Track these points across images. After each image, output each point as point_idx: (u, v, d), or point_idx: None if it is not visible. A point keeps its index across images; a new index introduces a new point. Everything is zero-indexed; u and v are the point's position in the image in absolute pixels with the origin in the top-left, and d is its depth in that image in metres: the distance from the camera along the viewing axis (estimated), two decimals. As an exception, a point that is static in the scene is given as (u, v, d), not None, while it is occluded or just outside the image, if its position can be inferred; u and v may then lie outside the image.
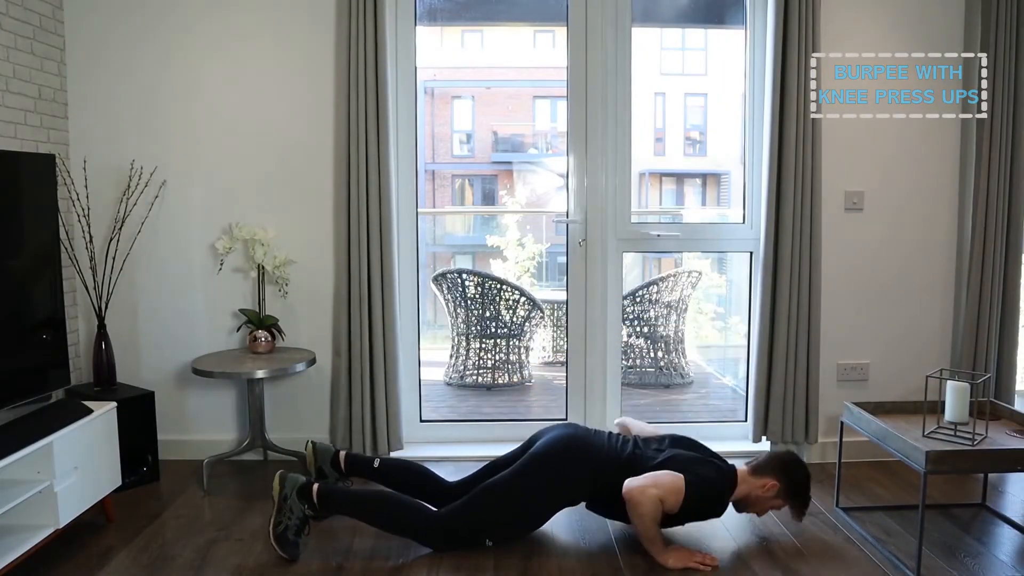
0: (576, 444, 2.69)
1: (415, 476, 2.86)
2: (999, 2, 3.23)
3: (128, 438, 3.06)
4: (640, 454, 2.69)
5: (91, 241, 3.26)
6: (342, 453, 2.90)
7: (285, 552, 2.55)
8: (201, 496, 3.11)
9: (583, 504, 2.76)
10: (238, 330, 3.46)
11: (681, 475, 2.54)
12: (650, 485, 2.50)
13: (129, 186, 3.31)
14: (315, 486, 2.61)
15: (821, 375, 3.43)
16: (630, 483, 2.52)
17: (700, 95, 5.46)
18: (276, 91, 3.36)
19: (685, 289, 4.95)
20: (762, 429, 3.46)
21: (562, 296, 3.88)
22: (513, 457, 2.77)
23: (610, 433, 2.82)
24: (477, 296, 4.78)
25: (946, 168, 3.48)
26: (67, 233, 3.25)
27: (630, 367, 4.92)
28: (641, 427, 2.99)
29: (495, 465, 2.81)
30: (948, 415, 2.68)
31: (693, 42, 4.93)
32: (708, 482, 2.59)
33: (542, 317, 5.03)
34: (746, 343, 3.62)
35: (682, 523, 2.67)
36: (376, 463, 2.87)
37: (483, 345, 4.84)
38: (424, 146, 4.19)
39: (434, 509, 2.67)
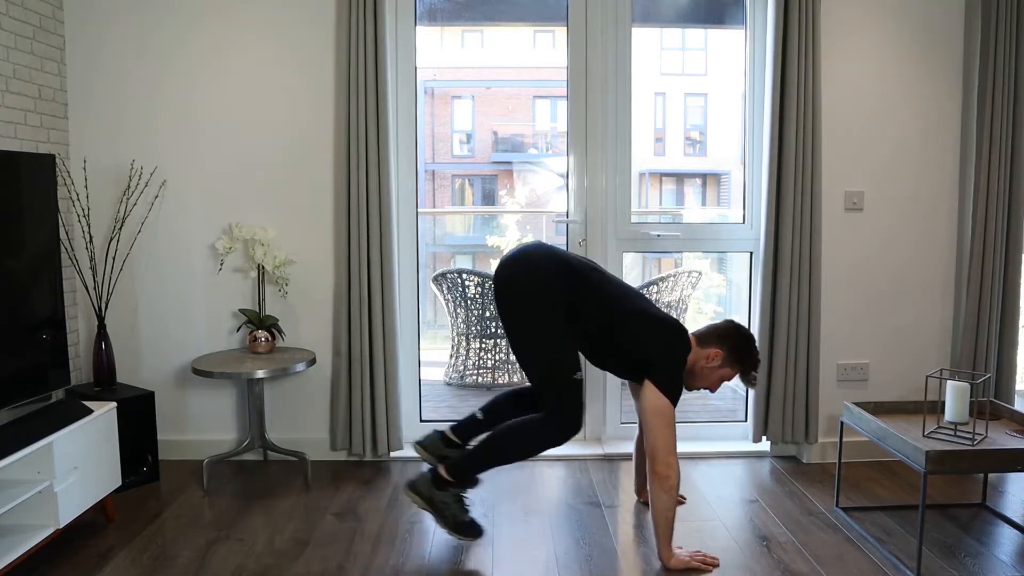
0: (537, 260, 2.62)
1: (510, 403, 2.82)
2: (999, 2, 3.24)
3: (128, 438, 3.06)
4: (602, 290, 2.63)
5: (91, 241, 3.26)
6: (447, 431, 2.85)
7: (470, 535, 2.60)
8: (201, 496, 3.11)
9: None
10: (238, 330, 3.46)
11: (661, 395, 2.49)
12: (665, 450, 2.48)
13: (129, 186, 3.32)
14: (440, 468, 2.62)
15: (821, 375, 3.43)
16: (651, 464, 2.50)
17: (700, 95, 5.46)
18: (276, 91, 3.36)
19: (685, 289, 4.95)
20: (762, 429, 3.46)
21: (562, 296, 3.88)
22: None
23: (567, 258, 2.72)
24: (477, 296, 4.78)
25: (946, 168, 3.48)
26: (67, 233, 3.25)
27: (630, 367, 4.92)
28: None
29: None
30: (948, 415, 2.68)
31: (693, 42, 4.92)
32: (675, 360, 2.57)
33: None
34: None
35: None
36: (479, 415, 2.84)
37: (483, 345, 4.84)
38: (424, 146, 4.19)
39: (534, 416, 2.62)
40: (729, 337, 2.66)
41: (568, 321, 2.59)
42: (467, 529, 2.61)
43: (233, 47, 3.34)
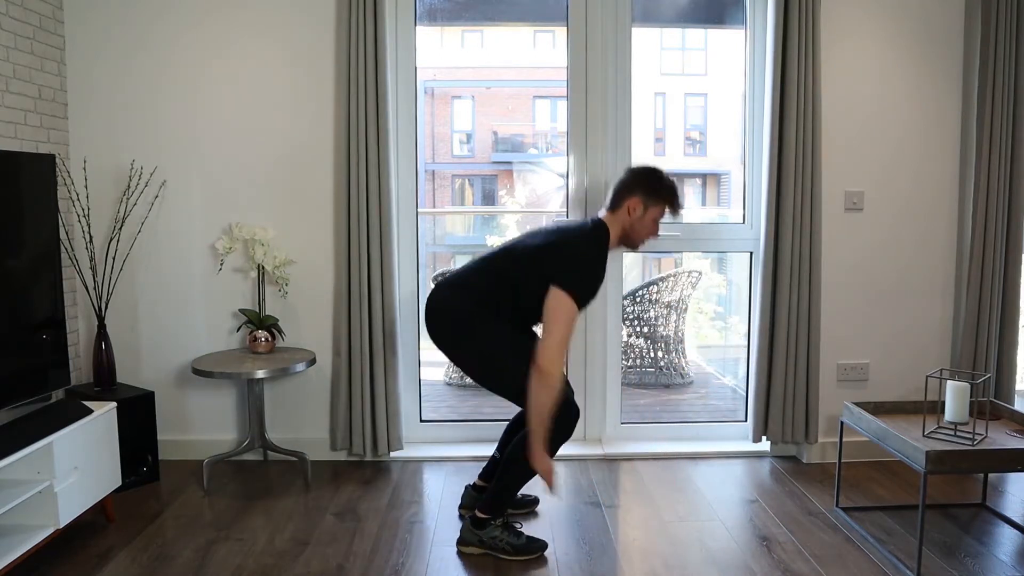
0: (442, 298, 2.64)
1: (515, 427, 2.85)
2: (999, 2, 3.24)
3: (128, 438, 3.06)
4: (499, 260, 2.62)
5: (91, 241, 3.26)
6: (475, 481, 2.94)
7: (533, 552, 2.59)
8: (201, 496, 3.11)
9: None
10: (238, 330, 3.46)
11: (564, 295, 2.43)
12: (555, 345, 2.42)
13: (129, 186, 3.32)
14: (476, 511, 2.63)
15: (821, 375, 3.43)
16: (540, 355, 2.43)
17: (700, 95, 5.46)
18: (276, 91, 3.36)
19: (685, 289, 4.95)
20: (762, 429, 3.46)
21: (562, 296, 3.88)
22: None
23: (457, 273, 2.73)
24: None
25: (946, 168, 3.48)
26: (67, 233, 3.25)
27: (630, 367, 4.92)
28: None
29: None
30: (948, 415, 2.68)
31: (693, 42, 4.92)
32: (586, 264, 2.52)
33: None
34: (746, 343, 3.62)
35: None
36: (497, 454, 2.90)
37: (483, 345, 4.83)
38: (424, 146, 4.19)
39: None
40: (636, 182, 2.61)
41: (499, 319, 2.57)
42: (528, 549, 2.58)
43: (233, 47, 3.34)
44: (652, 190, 2.61)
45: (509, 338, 2.59)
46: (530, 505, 2.98)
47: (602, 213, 2.67)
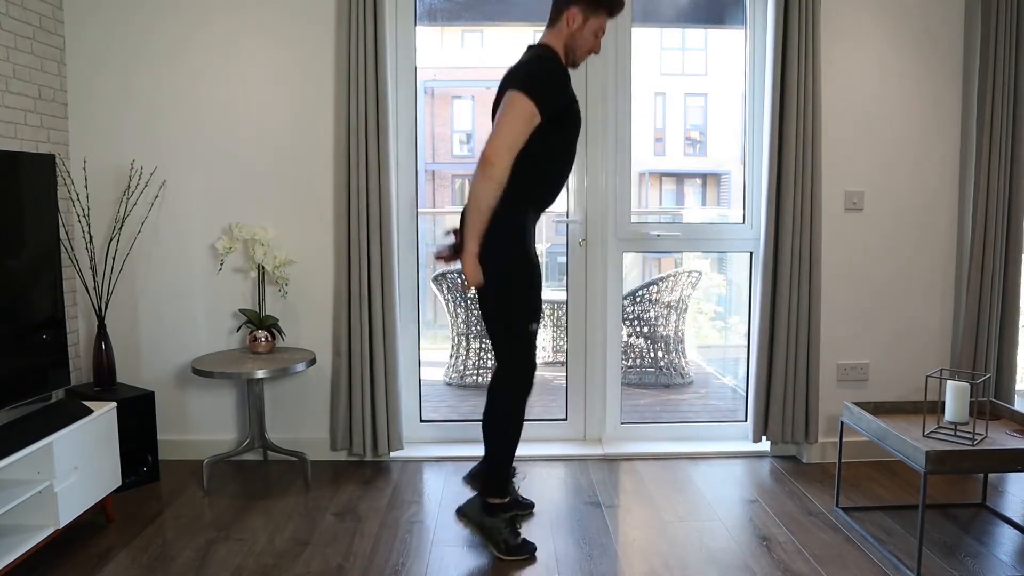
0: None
1: None
2: (999, 2, 3.24)
3: (128, 438, 3.06)
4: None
5: (91, 241, 3.26)
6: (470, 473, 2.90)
7: (523, 554, 2.58)
8: (201, 496, 3.11)
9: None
10: (238, 330, 3.46)
11: (521, 94, 2.34)
12: (502, 142, 2.32)
13: (129, 186, 3.32)
14: (478, 496, 2.64)
15: (821, 375, 3.43)
16: (484, 151, 2.34)
17: (700, 95, 5.46)
18: (276, 91, 3.36)
19: (685, 289, 4.95)
20: (762, 429, 3.46)
21: (562, 296, 3.88)
22: None
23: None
24: (477, 296, 4.78)
25: (946, 168, 3.48)
26: (67, 233, 3.25)
27: (630, 367, 4.93)
28: None
29: None
30: (948, 415, 2.68)
31: (693, 42, 4.93)
32: (537, 71, 2.41)
33: (542, 317, 5.03)
34: (746, 343, 3.62)
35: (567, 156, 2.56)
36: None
37: (483, 345, 4.84)
38: (424, 146, 4.18)
39: (493, 384, 2.66)
40: None
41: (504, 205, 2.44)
42: (519, 550, 2.59)
43: (233, 47, 3.34)
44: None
45: (523, 286, 2.55)
46: (530, 507, 2.99)
47: (541, 34, 2.57)
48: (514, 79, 2.43)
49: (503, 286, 2.55)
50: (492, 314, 2.62)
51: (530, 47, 2.59)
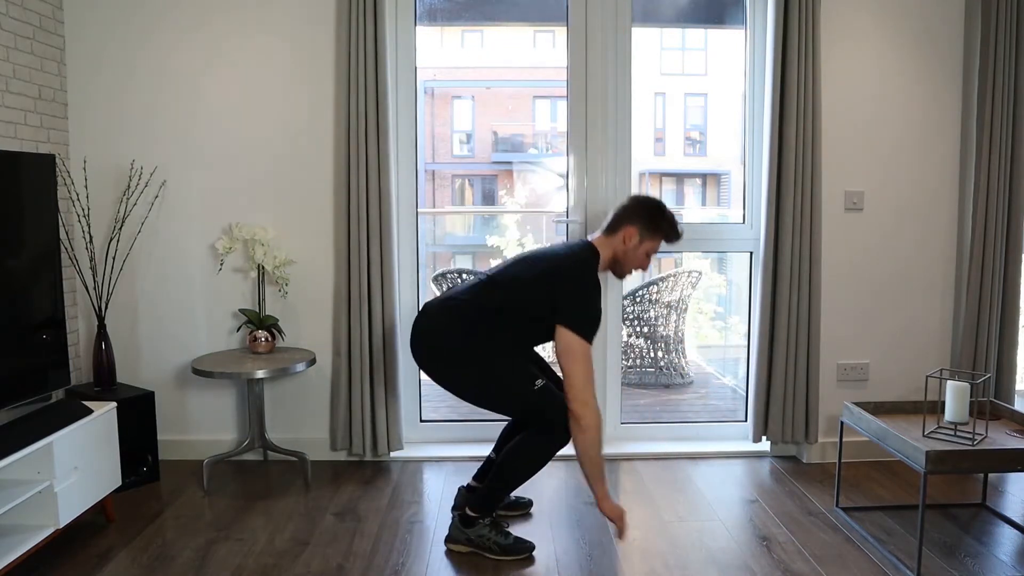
0: (429, 326, 2.61)
1: (513, 430, 2.86)
2: (999, 2, 3.24)
3: (128, 438, 3.06)
4: (488, 283, 2.59)
5: (91, 241, 3.26)
6: (469, 483, 2.90)
7: (521, 552, 2.58)
8: (201, 496, 3.11)
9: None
10: (238, 330, 3.46)
11: (572, 334, 2.43)
12: (582, 388, 2.42)
13: (129, 186, 3.32)
14: (466, 509, 2.63)
15: (821, 375, 3.43)
16: (571, 403, 2.44)
17: (700, 95, 5.46)
18: (276, 91, 3.36)
19: (685, 289, 4.95)
20: (762, 429, 3.46)
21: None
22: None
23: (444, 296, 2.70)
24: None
25: (946, 168, 3.48)
26: (67, 233, 3.25)
27: (630, 367, 4.92)
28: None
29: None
30: (948, 415, 2.68)
31: (693, 42, 4.92)
32: (578, 289, 2.50)
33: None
34: (746, 343, 3.62)
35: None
36: (493, 455, 2.89)
37: (483, 345, 4.83)
38: (424, 146, 4.19)
39: (531, 431, 2.60)
40: (637, 212, 2.62)
41: (488, 339, 2.55)
42: (514, 549, 2.58)
43: (233, 47, 3.34)
44: (652, 223, 2.62)
45: (506, 365, 2.55)
46: (523, 507, 2.98)
47: (595, 235, 2.67)
48: (565, 309, 2.46)
49: (484, 378, 2.56)
50: (497, 398, 2.60)
51: (581, 243, 2.64)
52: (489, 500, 2.64)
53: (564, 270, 2.55)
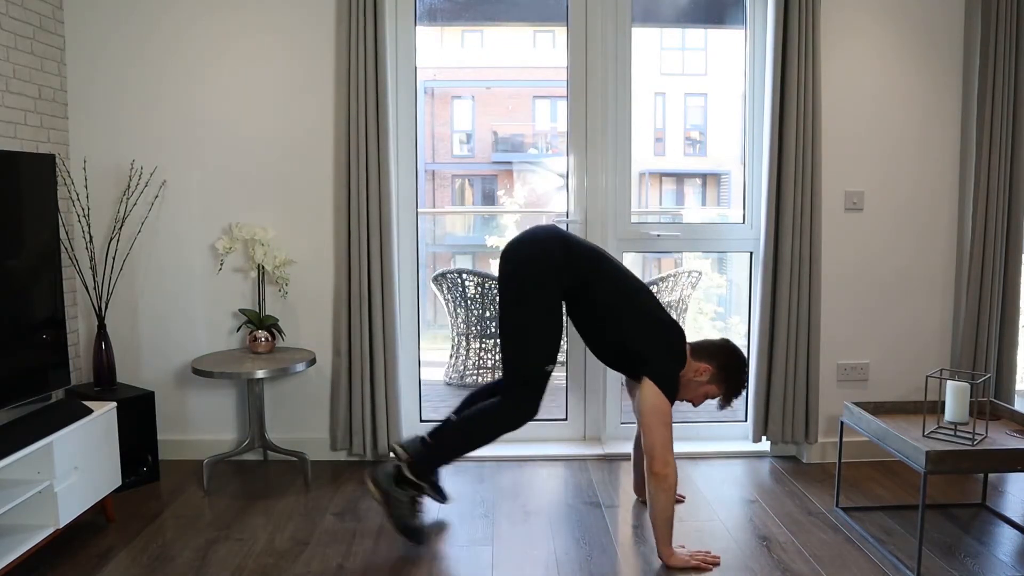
0: (524, 239, 2.67)
1: (478, 398, 2.84)
2: (999, 2, 3.24)
3: (128, 438, 3.06)
4: (609, 278, 2.66)
5: (91, 241, 3.26)
6: (427, 435, 2.79)
7: (415, 539, 2.61)
8: (201, 496, 3.11)
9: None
10: (238, 330, 3.46)
11: (659, 392, 2.52)
12: (662, 448, 2.50)
13: (129, 186, 3.32)
14: (403, 466, 2.62)
15: (821, 375, 3.43)
16: (652, 461, 2.51)
17: (700, 95, 5.45)
18: (276, 91, 3.36)
19: (685, 289, 4.95)
20: (762, 429, 3.46)
21: (562, 296, 3.88)
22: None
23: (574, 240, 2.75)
24: (477, 296, 4.78)
25: (946, 168, 3.48)
26: (67, 233, 3.25)
27: (630, 367, 4.91)
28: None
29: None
30: (948, 415, 2.68)
31: (693, 42, 4.92)
32: (672, 360, 2.62)
33: (542, 317, 5.02)
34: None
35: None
36: (453, 416, 2.84)
37: (483, 345, 4.84)
38: (424, 146, 4.19)
39: (495, 400, 2.66)
40: (722, 355, 2.70)
41: (571, 304, 2.65)
42: (412, 533, 2.61)
43: (233, 47, 3.34)
44: (726, 373, 2.69)
45: (555, 330, 2.61)
46: (442, 497, 2.88)
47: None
48: (660, 376, 2.55)
49: (538, 314, 2.60)
50: (519, 339, 2.61)
51: (674, 347, 2.69)
52: (432, 461, 2.67)
53: (678, 334, 2.66)
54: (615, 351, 2.71)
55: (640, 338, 2.61)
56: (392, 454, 2.86)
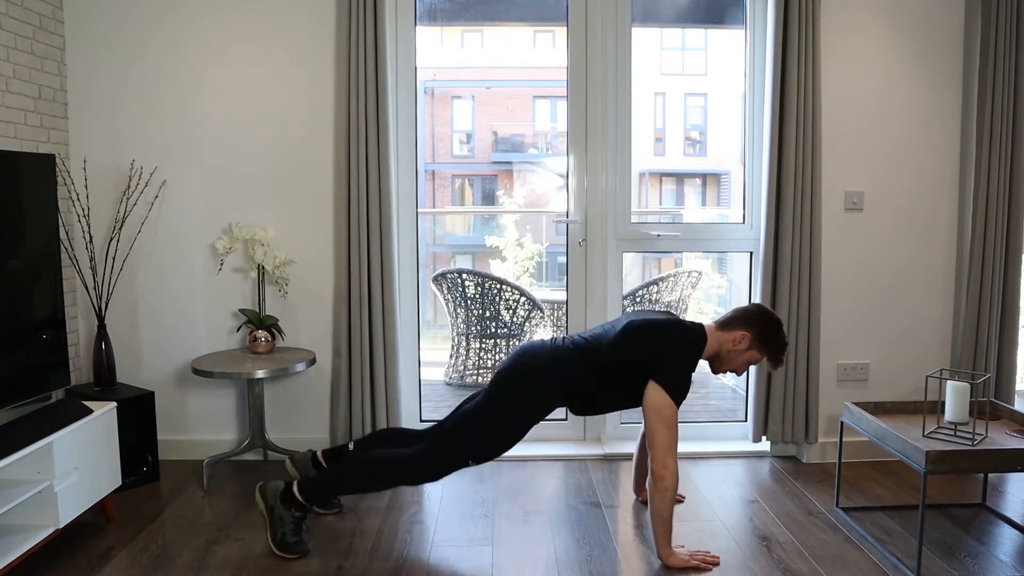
0: (528, 353, 2.67)
1: (389, 438, 2.86)
2: (999, 2, 3.24)
3: (128, 438, 3.06)
4: (596, 338, 2.67)
5: (91, 241, 3.26)
6: (319, 452, 2.91)
7: (293, 552, 2.57)
8: (201, 496, 3.11)
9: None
10: (238, 330, 3.46)
11: (664, 394, 2.51)
12: (664, 450, 2.48)
13: (129, 186, 3.32)
14: (294, 484, 2.61)
15: (821, 375, 3.43)
16: (650, 465, 2.51)
17: (700, 95, 5.46)
18: (276, 91, 3.36)
19: (685, 289, 4.95)
20: (762, 429, 3.46)
21: (562, 296, 3.88)
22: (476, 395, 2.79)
23: (561, 337, 2.78)
24: (477, 296, 4.78)
25: (946, 168, 3.48)
26: (67, 233, 3.25)
27: (630, 367, 4.91)
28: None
29: (461, 406, 2.81)
30: (948, 415, 2.68)
31: (693, 42, 4.92)
32: (681, 359, 2.58)
33: (542, 317, 5.03)
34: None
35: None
36: (351, 446, 2.88)
37: (483, 345, 4.84)
38: (424, 146, 4.19)
39: (406, 451, 2.65)
40: (756, 320, 2.67)
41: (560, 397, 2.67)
42: (292, 548, 2.58)
43: (233, 47, 3.34)
44: (766, 337, 2.66)
45: (521, 418, 2.62)
46: (336, 509, 2.95)
47: (708, 323, 2.72)
48: (662, 364, 2.54)
49: (512, 412, 2.62)
50: (484, 419, 2.61)
51: (695, 324, 2.68)
52: (322, 491, 2.66)
53: (676, 339, 2.62)
54: (619, 389, 2.64)
55: (639, 351, 2.58)
56: (290, 472, 2.88)
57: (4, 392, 2.54)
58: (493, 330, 4.81)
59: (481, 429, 2.60)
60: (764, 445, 3.55)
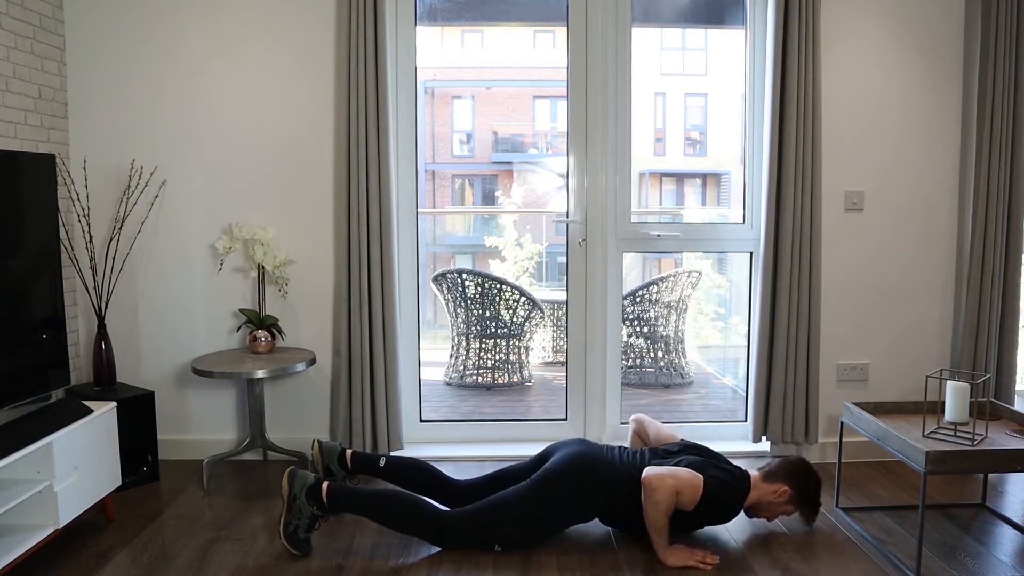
0: (590, 462, 2.68)
1: (422, 475, 2.86)
2: (999, 2, 3.24)
3: (128, 438, 3.06)
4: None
5: (91, 241, 3.26)
6: (348, 451, 2.91)
7: (297, 549, 2.58)
8: (201, 496, 3.11)
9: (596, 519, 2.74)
10: (238, 330, 3.46)
11: (700, 475, 2.57)
12: (668, 475, 2.54)
13: (129, 186, 3.32)
14: (324, 485, 2.61)
15: (821, 375, 3.43)
16: (649, 471, 2.55)
17: (700, 95, 5.45)
18: (276, 91, 3.36)
19: (685, 289, 4.95)
20: (762, 429, 3.46)
21: (562, 296, 3.89)
22: (523, 470, 2.78)
23: (621, 448, 2.82)
24: (477, 296, 4.78)
25: (946, 168, 3.48)
26: (67, 233, 3.25)
27: (630, 367, 4.92)
28: (656, 427, 3.01)
29: (504, 475, 2.81)
30: (948, 415, 2.68)
31: (693, 42, 4.92)
32: (724, 485, 2.63)
33: (542, 317, 5.04)
34: (746, 343, 3.62)
35: (692, 528, 2.72)
36: (382, 462, 2.87)
37: (483, 345, 4.84)
38: (424, 146, 4.19)
39: (442, 508, 2.68)
40: (798, 477, 2.73)
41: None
42: (299, 545, 2.59)
43: (233, 47, 3.34)
44: (805, 496, 2.73)
45: (562, 522, 2.70)
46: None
47: (754, 472, 2.78)
48: (709, 475, 2.61)
49: (557, 515, 2.67)
50: (527, 513, 2.64)
51: (746, 472, 2.76)
52: (354, 504, 2.65)
53: (727, 486, 2.66)
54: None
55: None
56: (313, 454, 2.88)
57: (4, 392, 2.54)
58: (493, 330, 4.81)
59: (523, 524, 2.63)
60: (764, 445, 3.54)
